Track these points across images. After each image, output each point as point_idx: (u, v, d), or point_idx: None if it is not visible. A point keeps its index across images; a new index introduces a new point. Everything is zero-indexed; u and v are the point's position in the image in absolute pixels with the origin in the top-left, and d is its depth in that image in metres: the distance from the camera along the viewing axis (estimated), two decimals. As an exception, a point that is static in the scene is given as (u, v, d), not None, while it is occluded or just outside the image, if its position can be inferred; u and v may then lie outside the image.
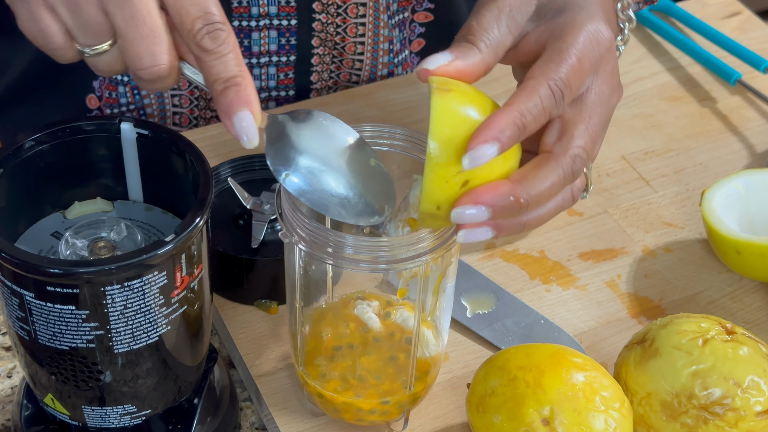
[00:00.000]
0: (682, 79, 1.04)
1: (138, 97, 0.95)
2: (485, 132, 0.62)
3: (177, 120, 0.97)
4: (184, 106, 0.96)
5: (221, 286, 0.82)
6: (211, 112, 0.98)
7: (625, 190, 0.93)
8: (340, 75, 0.99)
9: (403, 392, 0.71)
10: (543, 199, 0.65)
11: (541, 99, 0.64)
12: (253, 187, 0.84)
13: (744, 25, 1.10)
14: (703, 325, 0.73)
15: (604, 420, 0.68)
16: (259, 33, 0.94)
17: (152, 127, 0.68)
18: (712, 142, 0.98)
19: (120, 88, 0.95)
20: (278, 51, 0.96)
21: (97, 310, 0.62)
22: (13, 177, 0.66)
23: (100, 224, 0.68)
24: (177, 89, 0.95)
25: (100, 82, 0.95)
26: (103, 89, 0.94)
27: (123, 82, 0.94)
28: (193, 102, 0.96)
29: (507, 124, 0.63)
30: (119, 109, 0.96)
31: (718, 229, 0.83)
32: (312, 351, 0.73)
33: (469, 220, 0.63)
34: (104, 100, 0.95)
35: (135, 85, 0.94)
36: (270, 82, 0.98)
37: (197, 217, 0.63)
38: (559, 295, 0.85)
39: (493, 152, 0.62)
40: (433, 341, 0.72)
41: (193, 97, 0.96)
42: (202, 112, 0.97)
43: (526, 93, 0.64)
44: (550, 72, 0.65)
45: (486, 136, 0.62)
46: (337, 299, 0.75)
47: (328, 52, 0.97)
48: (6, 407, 0.78)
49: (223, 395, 0.75)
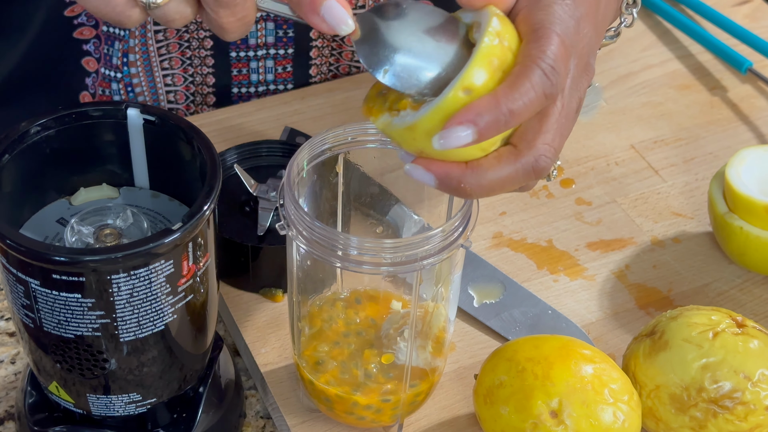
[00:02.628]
0: (692, 67, 1.03)
1: (132, 94, 0.94)
2: (464, 114, 0.59)
3: None
4: (179, 102, 0.95)
5: (226, 274, 0.81)
6: (207, 108, 0.97)
7: (634, 179, 0.92)
8: (340, 68, 0.98)
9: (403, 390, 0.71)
10: (492, 191, 0.63)
11: (533, 85, 0.60)
12: (260, 174, 0.84)
13: (755, 13, 1.09)
14: (714, 318, 0.72)
15: (613, 413, 0.68)
16: (256, 25, 0.93)
17: (159, 113, 0.68)
18: (722, 132, 0.97)
19: (113, 85, 0.93)
20: (276, 43, 0.94)
21: (103, 298, 0.61)
22: (18, 162, 0.66)
23: (106, 211, 0.67)
24: (172, 84, 0.94)
25: (92, 79, 0.93)
26: (96, 86, 0.93)
27: (116, 78, 0.93)
28: (189, 98, 0.95)
29: (486, 108, 0.59)
30: None
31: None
32: (310, 340, 0.72)
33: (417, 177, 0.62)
34: (97, 97, 0.94)
35: (128, 82, 0.93)
36: (268, 76, 0.97)
37: (205, 205, 0.62)
38: (566, 286, 0.84)
39: (467, 137, 0.59)
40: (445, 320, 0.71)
41: (188, 92, 0.95)
42: (198, 108, 0.96)
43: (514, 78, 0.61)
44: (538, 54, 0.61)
45: (464, 118, 0.59)
46: (346, 292, 0.74)
47: (327, 44, 0.96)
48: (10, 394, 0.77)
49: (228, 384, 0.75)
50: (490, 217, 0.88)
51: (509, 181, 0.63)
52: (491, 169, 0.62)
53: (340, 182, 0.72)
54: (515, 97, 0.59)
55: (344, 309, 0.73)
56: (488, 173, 0.62)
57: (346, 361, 0.71)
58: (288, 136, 0.90)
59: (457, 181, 0.62)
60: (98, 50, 0.91)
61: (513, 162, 0.62)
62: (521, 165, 0.62)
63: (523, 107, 0.60)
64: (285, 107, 0.95)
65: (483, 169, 0.62)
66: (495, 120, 0.59)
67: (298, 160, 0.68)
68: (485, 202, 0.89)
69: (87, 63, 0.93)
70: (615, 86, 1.01)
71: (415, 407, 0.73)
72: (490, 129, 0.59)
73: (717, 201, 0.84)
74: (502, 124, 0.59)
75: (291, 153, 0.83)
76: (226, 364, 0.75)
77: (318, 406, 0.73)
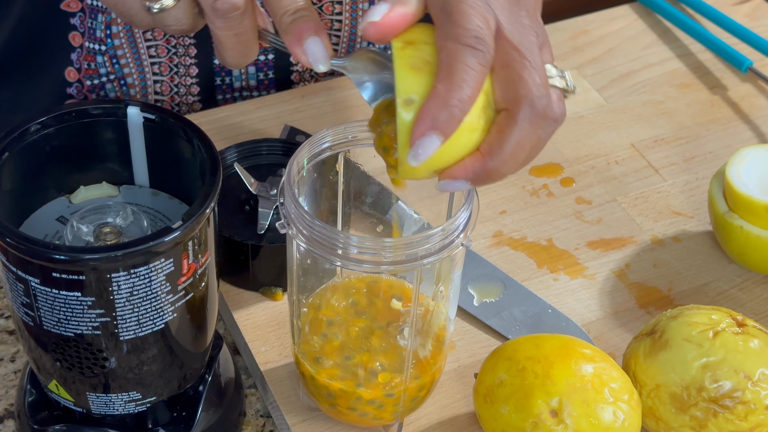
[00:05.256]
0: (692, 66, 1.03)
1: (117, 66, 0.93)
2: (419, 125, 0.60)
3: (158, 89, 0.96)
4: (164, 74, 0.95)
5: (226, 272, 0.81)
6: (190, 79, 0.96)
7: (634, 178, 0.92)
8: None
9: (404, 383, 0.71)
10: (519, 155, 0.63)
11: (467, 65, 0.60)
12: (260, 172, 0.84)
13: (755, 12, 1.09)
14: (714, 317, 0.72)
15: (613, 412, 0.68)
16: None
17: (159, 111, 0.67)
18: (722, 130, 0.97)
19: (98, 57, 0.93)
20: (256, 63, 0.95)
21: (103, 296, 0.61)
22: (18, 160, 0.66)
23: (106, 209, 0.67)
24: (156, 56, 0.94)
25: (77, 53, 0.93)
26: (81, 60, 0.93)
27: (101, 51, 0.93)
28: (173, 69, 0.95)
29: (437, 108, 0.59)
30: (99, 80, 0.94)
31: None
32: (311, 336, 0.72)
33: (452, 190, 0.63)
34: (83, 71, 0.93)
35: (113, 54, 0.93)
36: (251, 82, 0.97)
37: (205, 203, 0.62)
38: (566, 285, 0.84)
39: (435, 142, 0.59)
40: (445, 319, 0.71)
41: (172, 64, 0.95)
42: (182, 79, 0.96)
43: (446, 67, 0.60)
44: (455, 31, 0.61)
45: (422, 128, 0.59)
46: (345, 279, 0.74)
47: None
48: (9, 392, 0.77)
49: (228, 383, 0.74)
50: (490, 216, 0.88)
51: (526, 138, 0.62)
52: (502, 141, 0.62)
53: (340, 181, 0.72)
54: (456, 85, 0.59)
55: (345, 302, 0.73)
56: (503, 146, 0.62)
57: (350, 355, 0.71)
58: (288, 135, 0.90)
59: (484, 171, 0.62)
60: (83, 24, 0.91)
61: (514, 121, 0.62)
62: (522, 120, 0.62)
63: (468, 89, 0.60)
64: (285, 105, 0.95)
65: (495, 145, 0.62)
66: (450, 114, 0.59)
67: (298, 159, 0.68)
68: (485, 202, 0.89)
69: (73, 38, 0.92)
70: (615, 85, 1.01)
71: (416, 404, 0.73)
72: (451, 124, 0.60)
73: (717, 200, 0.84)
74: (459, 112, 0.60)
75: (291, 151, 0.83)
76: (226, 363, 0.75)
77: (319, 405, 0.73)
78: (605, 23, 1.07)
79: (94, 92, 0.95)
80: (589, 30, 1.06)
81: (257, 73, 0.97)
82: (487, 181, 0.63)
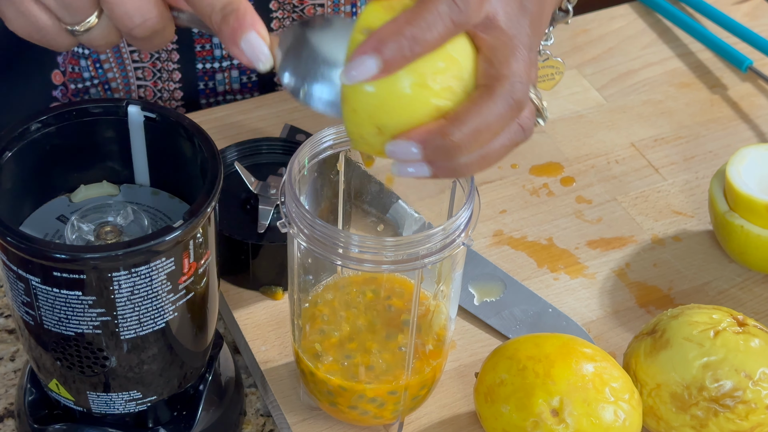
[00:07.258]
0: (692, 65, 1.03)
1: (101, 71, 0.93)
2: (364, 45, 0.57)
3: (142, 93, 0.96)
4: (147, 79, 0.95)
5: (227, 271, 0.81)
6: (174, 84, 0.96)
7: (634, 177, 0.92)
8: None
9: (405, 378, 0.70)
10: (483, 137, 0.59)
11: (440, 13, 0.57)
12: (260, 171, 0.84)
13: (755, 11, 1.09)
14: (715, 317, 0.72)
15: (614, 411, 0.68)
16: None
17: (160, 110, 0.67)
18: (722, 130, 0.97)
19: (82, 61, 0.93)
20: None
21: (104, 295, 0.61)
22: (18, 159, 0.66)
23: (107, 208, 0.67)
24: (140, 61, 0.94)
25: (63, 56, 0.93)
26: (66, 63, 0.93)
27: (84, 55, 0.93)
28: (156, 74, 0.95)
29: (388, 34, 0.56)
30: (83, 84, 0.94)
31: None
32: (312, 334, 0.72)
33: (401, 157, 0.59)
34: (68, 74, 0.93)
35: (96, 58, 0.93)
36: (234, 85, 0.97)
37: (206, 202, 0.62)
38: (567, 284, 0.84)
39: (371, 67, 0.56)
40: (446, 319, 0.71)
41: (155, 69, 0.94)
42: (165, 84, 0.95)
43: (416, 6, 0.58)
44: None
45: (365, 48, 0.56)
46: (346, 278, 0.74)
47: None
48: (9, 391, 0.77)
49: (229, 382, 0.74)
50: (491, 215, 0.88)
51: (495, 120, 0.59)
52: (471, 113, 0.59)
53: (341, 180, 0.72)
54: (418, 23, 0.57)
55: (345, 301, 0.73)
56: (469, 118, 0.58)
57: (350, 354, 0.71)
58: (288, 134, 0.90)
59: (441, 138, 0.58)
60: None
61: (489, 98, 0.59)
62: (499, 98, 0.59)
63: (428, 33, 0.57)
64: (285, 104, 0.95)
65: (463, 116, 0.59)
66: (399, 46, 0.56)
67: (299, 158, 0.68)
68: (485, 201, 0.89)
69: None
70: (615, 84, 1.01)
71: (417, 403, 0.73)
72: (396, 57, 0.56)
73: (717, 199, 0.84)
74: (407, 50, 0.56)
75: (291, 150, 0.83)
76: (227, 362, 0.75)
77: (319, 403, 0.73)
78: (605, 22, 1.07)
79: (78, 96, 0.95)
80: (589, 29, 1.06)
81: (240, 76, 0.97)
82: (439, 156, 0.59)
